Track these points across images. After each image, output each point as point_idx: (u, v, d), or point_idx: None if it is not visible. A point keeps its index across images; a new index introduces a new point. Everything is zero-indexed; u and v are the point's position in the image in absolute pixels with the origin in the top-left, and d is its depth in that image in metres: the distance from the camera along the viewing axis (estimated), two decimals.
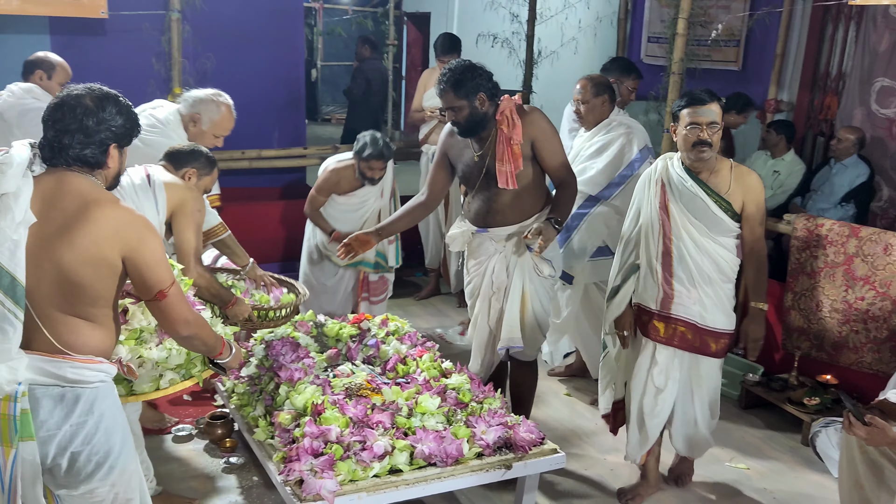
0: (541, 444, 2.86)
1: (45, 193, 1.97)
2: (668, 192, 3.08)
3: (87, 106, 1.99)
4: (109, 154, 2.04)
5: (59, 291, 1.95)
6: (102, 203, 1.98)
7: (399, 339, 3.49)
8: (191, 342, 2.21)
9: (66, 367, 1.96)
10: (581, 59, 6.49)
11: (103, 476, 2.03)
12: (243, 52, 5.61)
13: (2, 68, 5.16)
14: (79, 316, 1.99)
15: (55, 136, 1.98)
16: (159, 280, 2.04)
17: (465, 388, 3.05)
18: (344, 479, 2.52)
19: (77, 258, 1.93)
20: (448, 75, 3.15)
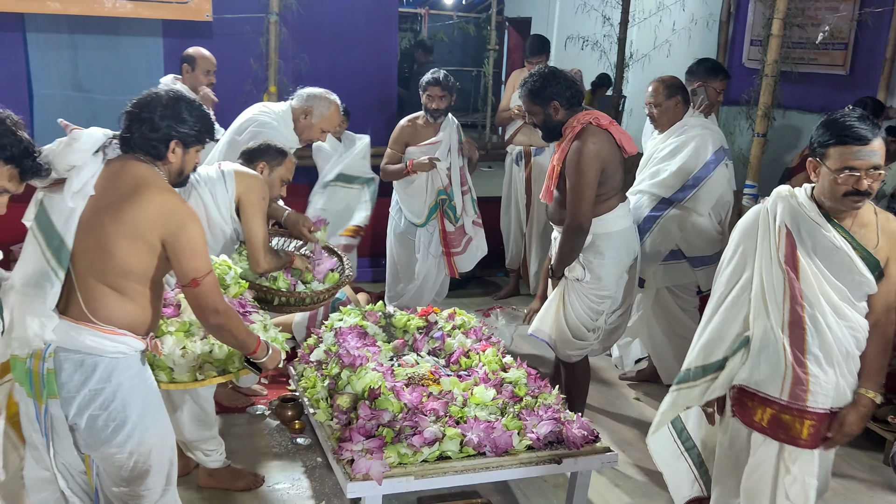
0: (593, 442, 2.84)
1: (109, 173, 2.17)
2: (796, 241, 2.33)
3: (161, 102, 2.19)
4: (171, 149, 2.20)
5: (98, 259, 2.11)
6: (153, 187, 2.15)
7: (464, 333, 3.54)
8: (220, 332, 2.33)
9: (86, 335, 2.10)
10: (674, 63, 6.35)
11: (120, 442, 2.16)
12: (337, 53, 5.81)
13: (119, 68, 5.59)
14: (110, 286, 2.12)
15: (128, 126, 2.19)
16: (195, 268, 2.17)
17: (521, 383, 3.08)
18: (393, 462, 2.60)
19: (117, 231, 2.09)
20: (529, 81, 3.31)
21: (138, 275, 2.16)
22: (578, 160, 3.18)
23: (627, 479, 3.40)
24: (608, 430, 3.82)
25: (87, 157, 2.13)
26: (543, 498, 3.23)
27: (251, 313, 2.80)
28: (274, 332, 2.77)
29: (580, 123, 3.23)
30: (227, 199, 3.13)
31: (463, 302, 5.44)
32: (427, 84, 4.50)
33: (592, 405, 4.08)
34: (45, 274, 2.10)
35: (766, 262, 2.35)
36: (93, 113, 5.54)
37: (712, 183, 3.82)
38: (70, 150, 2.11)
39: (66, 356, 2.12)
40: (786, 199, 2.37)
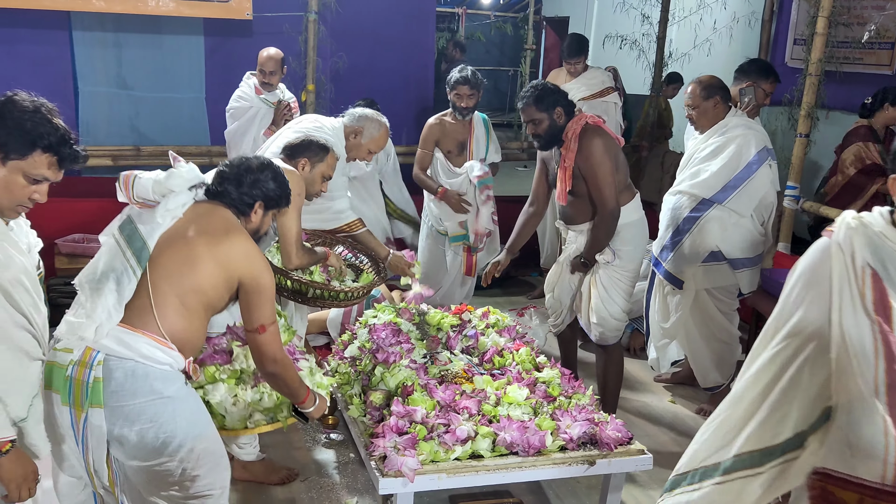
0: (628, 444, 2.81)
1: (199, 210, 2.37)
2: (885, 283, 1.72)
3: (250, 167, 2.45)
4: (255, 209, 2.44)
5: (179, 271, 2.22)
6: (242, 232, 2.37)
7: (498, 332, 3.54)
8: (275, 380, 2.43)
9: (142, 343, 2.12)
10: (714, 62, 6.27)
11: (171, 452, 2.15)
12: (375, 52, 5.84)
13: (162, 66, 5.69)
14: (181, 299, 2.21)
15: (219, 182, 2.42)
16: (263, 315, 2.32)
17: (555, 383, 3.06)
18: (425, 459, 2.60)
19: (208, 253, 2.25)
20: (529, 91, 3.50)
21: (207, 298, 2.28)
22: (594, 154, 3.40)
23: (662, 483, 3.36)
24: (642, 432, 3.78)
25: (185, 187, 2.34)
26: (576, 499, 3.21)
27: (299, 360, 2.90)
28: (320, 376, 2.86)
29: (579, 125, 3.44)
30: None
31: (497, 301, 5.43)
32: (455, 82, 4.52)
33: (626, 407, 4.05)
34: (123, 271, 2.19)
35: (849, 313, 1.74)
36: (136, 110, 5.66)
37: (755, 183, 3.76)
38: (172, 177, 2.32)
39: (117, 364, 2.11)
40: (860, 231, 1.77)
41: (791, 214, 4.76)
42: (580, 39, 5.50)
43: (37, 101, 1.97)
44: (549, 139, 3.52)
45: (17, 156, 1.92)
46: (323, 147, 3.33)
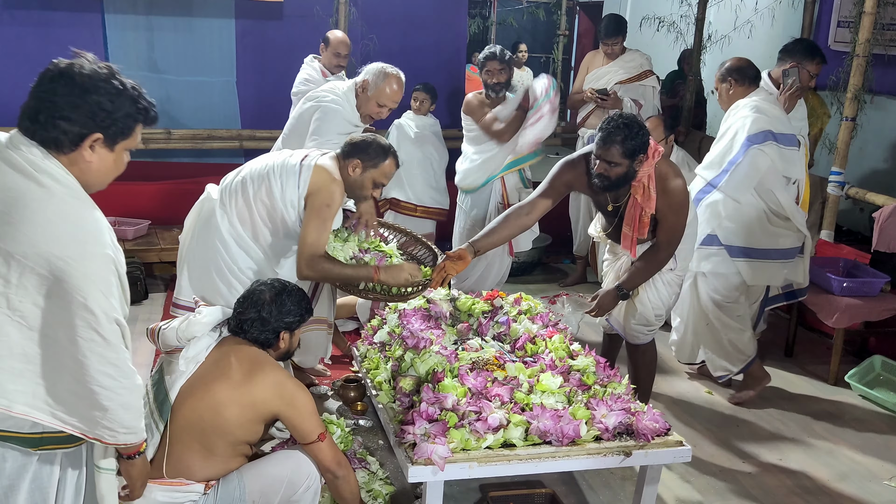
0: (665, 435, 2.72)
1: (224, 350, 2.47)
2: None
3: (266, 300, 2.52)
4: (281, 338, 2.55)
5: (202, 419, 2.34)
6: (267, 365, 2.44)
7: (531, 319, 3.45)
8: (340, 484, 2.52)
9: (156, 492, 2.25)
10: (755, 45, 6.09)
11: None
12: (406, 35, 5.77)
13: (193, 49, 5.67)
14: (203, 444, 2.34)
15: (239, 323, 2.52)
16: (313, 428, 2.44)
17: (590, 371, 2.97)
18: (456, 447, 2.53)
19: (231, 397, 2.34)
20: (621, 129, 3.00)
21: (236, 437, 2.40)
22: (679, 200, 3.14)
23: (700, 477, 3.27)
24: (678, 422, 3.69)
25: (205, 331, 2.47)
26: (609, 490, 3.12)
27: (357, 468, 2.97)
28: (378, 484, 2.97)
29: (651, 166, 3.08)
30: (297, 195, 3.00)
31: (529, 288, 5.34)
32: (485, 59, 4.40)
33: (661, 397, 3.96)
34: (147, 426, 2.23)
35: None
36: (167, 93, 5.65)
37: (743, 167, 3.67)
38: (194, 323, 2.45)
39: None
40: None
41: (836, 201, 4.60)
42: (618, 19, 5.34)
43: (118, 77, 1.77)
44: (617, 185, 3.12)
45: (123, 138, 1.79)
46: (382, 151, 3.08)
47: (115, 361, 1.74)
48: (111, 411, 1.76)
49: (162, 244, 5.09)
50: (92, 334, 1.69)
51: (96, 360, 1.71)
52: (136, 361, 1.92)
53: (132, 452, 1.97)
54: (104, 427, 1.78)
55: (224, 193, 3.10)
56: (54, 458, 1.82)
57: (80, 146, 1.73)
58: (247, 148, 5.65)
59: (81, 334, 1.68)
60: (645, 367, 3.58)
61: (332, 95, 3.66)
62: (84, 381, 1.72)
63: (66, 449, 1.83)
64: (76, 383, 1.72)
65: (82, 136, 1.72)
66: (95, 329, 1.69)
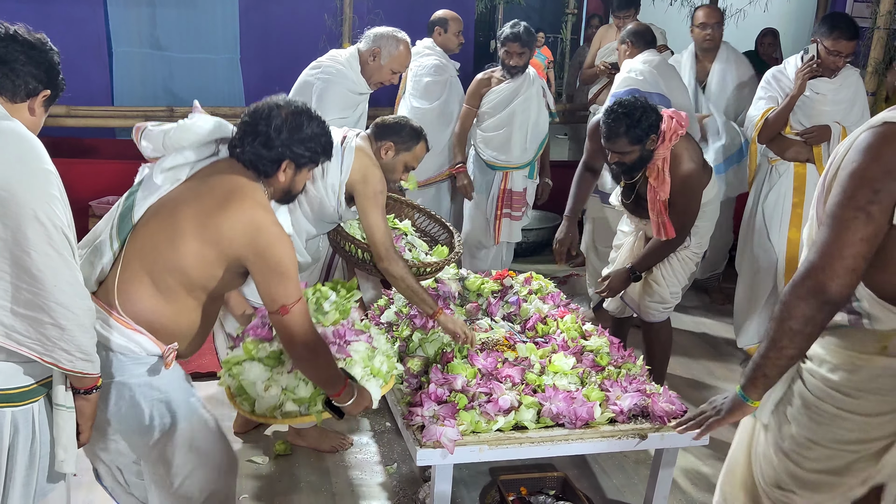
0: (681, 418, 2.63)
1: (210, 171, 2.05)
2: None
3: (279, 117, 2.03)
4: (282, 169, 2.06)
5: (156, 248, 1.97)
6: (248, 198, 1.99)
7: (541, 299, 3.37)
8: (305, 366, 2.13)
9: (98, 321, 1.89)
10: (772, 19, 5.94)
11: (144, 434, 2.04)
12: (413, 10, 5.64)
13: (196, 26, 5.56)
14: (153, 279, 1.97)
15: (241, 135, 2.04)
16: (283, 294, 1.99)
17: (603, 352, 2.89)
18: (466, 430, 2.45)
19: (193, 230, 1.95)
20: (621, 120, 2.98)
21: (190, 279, 1.99)
22: (691, 185, 3.12)
23: (716, 460, 3.18)
24: (694, 406, 3.59)
25: (193, 141, 2.05)
26: (623, 474, 3.05)
27: (352, 342, 2.43)
28: (381, 360, 2.45)
29: (667, 149, 3.06)
30: (339, 181, 2.80)
31: (538, 269, 5.25)
32: (505, 38, 4.22)
33: (675, 379, 3.87)
34: (104, 241, 2.00)
35: None
36: (170, 71, 5.56)
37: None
38: (181, 129, 2.04)
39: None
40: None
41: None
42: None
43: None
44: (635, 169, 3.11)
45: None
46: (415, 134, 2.91)
47: (70, 280, 1.73)
48: (68, 331, 1.73)
49: None
50: (46, 248, 1.69)
51: (51, 274, 1.70)
52: None
53: (88, 386, 1.84)
54: (61, 349, 1.74)
55: None
56: (3, 418, 1.77)
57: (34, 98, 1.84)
58: None
59: (35, 248, 1.68)
60: (660, 346, 3.50)
61: (335, 65, 3.54)
62: (41, 296, 1.70)
63: (15, 407, 1.78)
64: (32, 300, 1.70)
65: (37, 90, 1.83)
66: (48, 242, 1.70)
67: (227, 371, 2.34)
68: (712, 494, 2.94)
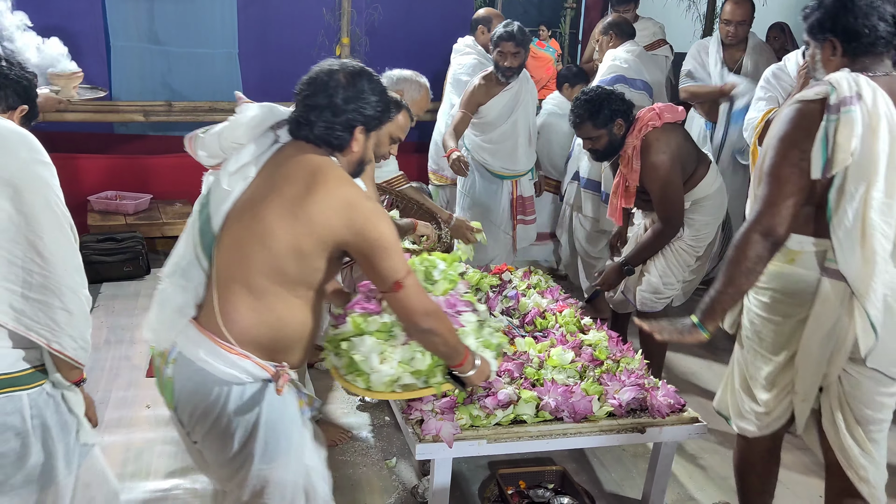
0: (680, 412, 2.64)
1: (280, 159, 1.88)
2: None
3: (339, 82, 1.84)
4: (355, 137, 1.89)
5: (245, 254, 1.81)
6: (333, 177, 1.82)
7: (540, 293, 3.37)
8: (430, 338, 1.98)
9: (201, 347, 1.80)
10: (771, 13, 5.92)
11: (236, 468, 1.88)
12: (411, 4, 5.63)
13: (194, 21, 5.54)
14: (249, 288, 1.80)
15: (303, 112, 1.86)
16: (394, 269, 1.85)
17: (602, 346, 2.89)
18: (465, 424, 2.46)
19: (284, 224, 1.78)
20: (583, 106, 3.21)
21: (290, 278, 1.82)
22: (659, 175, 3.17)
23: (714, 453, 3.19)
24: (692, 399, 3.60)
25: (252, 135, 1.89)
26: (622, 467, 3.05)
27: (463, 313, 2.31)
28: (490, 331, 2.35)
29: (639, 139, 3.18)
30: None
31: (538, 263, 5.27)
32: (499, 38, 4.06)
33: (673, 375, 3.88)
34: (192, 262, 1.88)
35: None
36: (168, 66, 5.54)
37: None
38: (234, 126, 1.88)
39: (183, 365, 1.84)
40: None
41: None
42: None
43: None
44: (607, 153, 3.30)
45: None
46: (396, 104, 2.80)
47: (78, 266, 1.80)
48: (75, 317, 1.79)
49: (164, 218, 5.01)
50: (57, 233, 1.76)
51: (62, 258, 1.76)
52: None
53: (77, 380, 1.88)
54: (68, 336, 1.78)
55: None
56: (20, 401, 1.82)
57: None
58: None
59: (48, 232, 1.74)
60: (657, 341, 3.48)
61: None
62: (52, 280, 1.75)
63: (28, 390, 1.83)
64: (44, 284, 1.75)
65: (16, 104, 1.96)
66: (59, 228, 1.77)
67: (334, 349, 2.18)
68: (711, 488, 2.97)
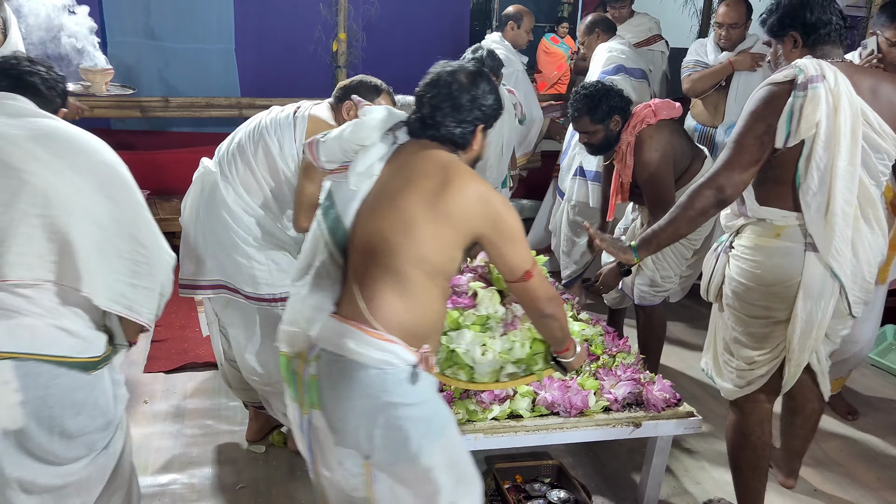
0: (675, 406, 2.66)
1: (404, 157, 1.94)
2: None
3: (462, 83, 1.92)
4: (476, 135, 1.96)
5: (388, 244, 1.83)
6: (464, 174, 1.87)
7: None
8: (550, 323, 2.03)
9: (349, 337, 1.80)
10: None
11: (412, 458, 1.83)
12: (409, 1, 5.62)
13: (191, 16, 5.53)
14: (394, 276, 1.82)
15: (429, 113, 1.92)
16: (523, 259, 1.90)
17: (597, 341, 2.90)
18: (462, 419, 2.47)
19: (426, 214, 1.82)
20: (582, 100, 3.21)
21: (433, 266, 1.84)
22: (650, 172, 3.16)
23: (710, 447, 3.21)
24: (687, 394, 3.62)
25: (376, 137, 1.95)
26: (618, 462, 3.07)
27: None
28: (571, 321, 2.48)
29: (633, 135, 3.19)
30: (295, 149, 2.77)
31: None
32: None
33: (669, 369, 3.89)
34: (325, 261, 1.93)
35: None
36: (165, 61, 5.52)
37: None
38: (361, 126, 1.94)
39: (329, 361, 1.83)
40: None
41: None
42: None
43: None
44: (602, 148, 3.30)
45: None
46: (374, 89, 2.83)
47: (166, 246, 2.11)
48: (165, 297, 2.10)
49: (161, 214, 5.00)
50: (149, 221, 2.04)
51: (157, 244, 2.05)
52: None
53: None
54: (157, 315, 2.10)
55: (223, 163, 2.88)
56: (103, 380, 2.01)
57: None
58: (246, 116, 5.47)
59: (144, 224, 2.02)
60: (653, 332, 3.52)
61: None
62: (154, 266, 2.02)
63: (108, 365, 2.02)
64: (149, 272, 2.01)
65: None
66: (149, 216, 2.05)
67: None
68: (706, 482, 2.99)
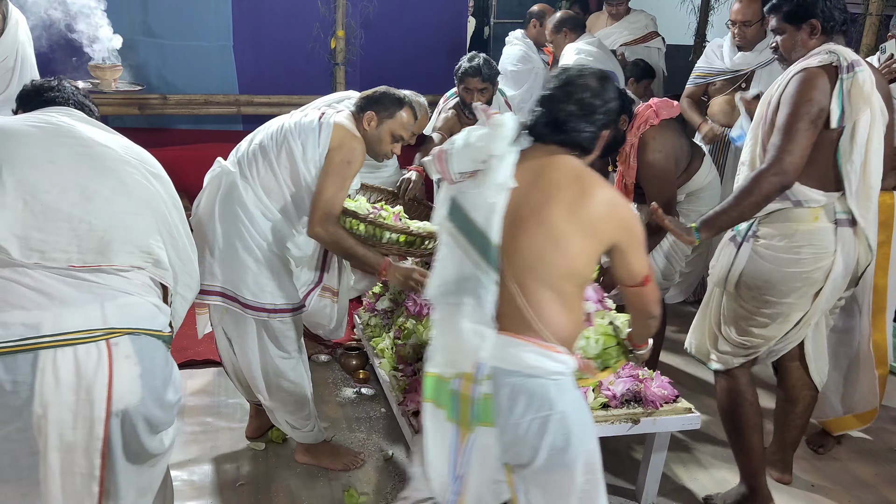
0: (674, 402, 2.67)
1: (534, 165, 1.90)
2: None
3: (594, 88, 1.93)
4: (600, 138, 1.96)
5: (542, 259, 1.83)
6: (597, 182, 1.87)
7: None
8: (653, 323, 2.11)
9: (527, 351, 1.80)
10: None
11: (567, 465, 1.84)
12: None
13: (188, 13, 5.53)
14: (553, 290, 1.83)
15: (564, 118, 1.91)
16: (643, 265, 1.94)
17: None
18: None
19: (572, 228, 1.82)
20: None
21: (581, 277, 1.87)
22: (655, 174, 3.12)
23: (709, 444, 3.22)
24: (686, 390, 3.64)
25: (507, 146, 1.90)
26: (616, 458, 3.08)
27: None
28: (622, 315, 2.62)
29: (637, 135, 3.11)
30: (318, 154, 2.70)
31: None
32: (463, 74, 3.74)
33: (668, 366, 3.91)
34: (477, 279, 1.86)
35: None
36: (163, 58, 5.52)
37: None
38: (493, 139, 1.89)
39: (504, 378, 1.81)
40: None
41: None
42: None
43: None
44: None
45: None
46: (397, 101, 2.81)
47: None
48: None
49: None
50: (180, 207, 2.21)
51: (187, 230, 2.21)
52: None
53: None
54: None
55: (242, 164, 2.78)
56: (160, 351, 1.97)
57: None
58: (244, 114, 5.54)
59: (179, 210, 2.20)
60: None
61: None
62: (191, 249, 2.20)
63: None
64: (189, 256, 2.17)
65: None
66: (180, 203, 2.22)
67: None
68: (704, 479, 3.00)
